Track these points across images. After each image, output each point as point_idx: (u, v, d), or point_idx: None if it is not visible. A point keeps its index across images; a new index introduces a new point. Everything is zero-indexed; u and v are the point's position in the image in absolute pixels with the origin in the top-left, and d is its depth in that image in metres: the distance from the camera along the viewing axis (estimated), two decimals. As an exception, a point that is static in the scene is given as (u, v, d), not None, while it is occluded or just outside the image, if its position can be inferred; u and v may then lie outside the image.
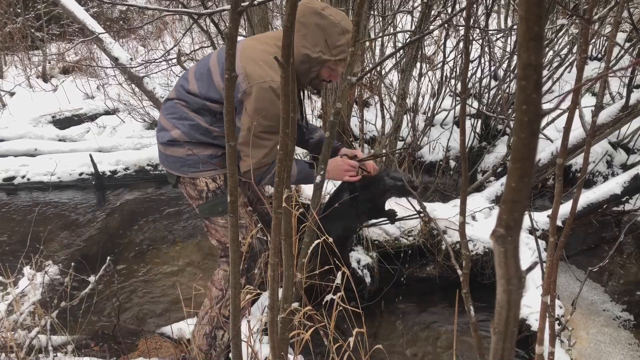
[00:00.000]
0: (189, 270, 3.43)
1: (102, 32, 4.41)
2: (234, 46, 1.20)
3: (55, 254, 3.57)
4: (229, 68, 1.21)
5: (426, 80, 4.71)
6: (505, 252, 0.50)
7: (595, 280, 3.27)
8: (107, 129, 5.60)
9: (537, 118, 0.47)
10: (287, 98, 1.20)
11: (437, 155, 4.63)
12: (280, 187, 1.24)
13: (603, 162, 4.28)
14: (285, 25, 1.13)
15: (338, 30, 2.07)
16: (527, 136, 0.47)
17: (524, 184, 0.48)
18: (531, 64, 0.45)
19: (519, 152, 0.48)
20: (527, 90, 0.46)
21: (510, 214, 0.49)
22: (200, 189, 2.30)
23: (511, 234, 0.49)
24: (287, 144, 1.27)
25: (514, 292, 0.50)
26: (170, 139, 2.25)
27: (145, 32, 7.94)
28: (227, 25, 1.17)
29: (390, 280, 3.13)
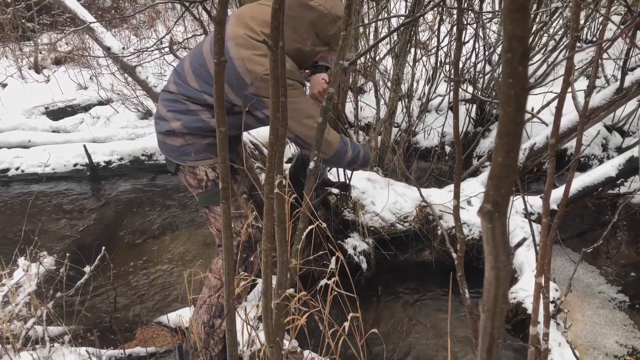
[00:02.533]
0: (185, 259, 3.43)
1: (94, 22, 4.37)
2: (223, 30, 1.19)
3: (50, 245, 3.57)
4: (217, 52, 1.20)
5: (420, 66, 4.69)
6: (492, 228, 0.49)
7: (590, 263, 3.28)
8: (101, 120, 5.57)
9: (523, 92, 0.46)
10: (277, 81, 1.19)
11: (433, 141, 4.62)
12: (272, 172, 1.23)
13: (598, 145, 4.28)
14: (274, 8, 1.11)
15: (328, 20, 2.01)
16: (513, 110, 0.46)
17: (511, 159, 0.48)
18: (517, 36, 0.44)
19: (506, 126, 0.47)
20: (513, 63, 0.45)
21: (497, 190, 0.48)
22: (200, 177, 2.29)
23: (499, 209, 0.48)
24: (277, 128, 1.26)
25: (502, 268, 0.49)
26: (169, 129, 2.23)
27: (138, 21, 7.87)
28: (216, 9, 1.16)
29: (386, 266, 3.14)
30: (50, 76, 6.42)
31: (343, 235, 3.12)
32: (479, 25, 4.04)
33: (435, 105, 4.90)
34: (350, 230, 3.15)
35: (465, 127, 4.45)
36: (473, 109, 4.58)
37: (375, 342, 2.57)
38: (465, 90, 4.49)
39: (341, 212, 3.16)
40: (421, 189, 3.39)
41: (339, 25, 2.02)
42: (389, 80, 4.38)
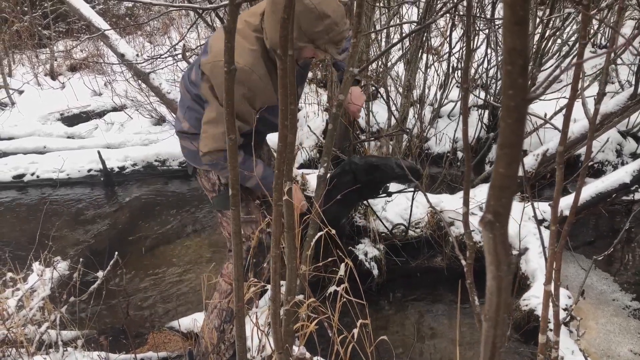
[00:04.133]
0: (198, 264, 3.45)
1: (108, 29, 4.43)
2: (233, 39, 1.20)
3: (64, 250, 3.61)
4: (227, 61, 1.21)
5: (432, 72, 4.69)
6: (494, 238, 0.49)
7: (604, 270, 3.24)
8: (115, 126, 5.63)
9: (523, 103, 0.46)
10: (285, 90, 1.20)
11: (444, 146, 4.61)
12: (281, 179, 1.24)
13: (612, 151, 4.24)
14: (282, 17, 1.12)
15: (314, 16, 1.89)
16: (514, 121, 0.47)
17: (512, 170, 0.48)
18: (516, 48, 0.45)
19: (507, 138, 0.47)
20: (513, 75, 0.46)
21: (498, 200, 0.48)
22: (213, 181, 2.31)
23: (499, 220, 0.49)
24: (286, 136, 1.27)
25: (503, 278, 0.50)
26: (181, 130, 2.26)
27: (152, 28, 7.95)
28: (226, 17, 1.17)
29: (397, 272, 3.13)
30: (66, 83, 6.50)
31: (354, 241, 3.12)
32: (491, 31, 4.03)
33: (447, 111, 4.89)
34: (361, 236, 3.15)
35: (478, 133, 4.43)
36: (485, 115, 4.56)
37: (385, 349, 2.56)
38: (477, 96, 4.47)
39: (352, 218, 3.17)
40: (433, 195, 3.39)
41: (326, 24, 1.90)
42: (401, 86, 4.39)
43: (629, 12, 5.50)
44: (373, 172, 2.59)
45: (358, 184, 2.59)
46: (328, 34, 1.90)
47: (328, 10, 1.89)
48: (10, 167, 4.76)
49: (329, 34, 1.91)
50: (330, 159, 1.91)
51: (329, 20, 1.88)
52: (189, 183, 4.62)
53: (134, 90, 5.64)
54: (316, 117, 4.85)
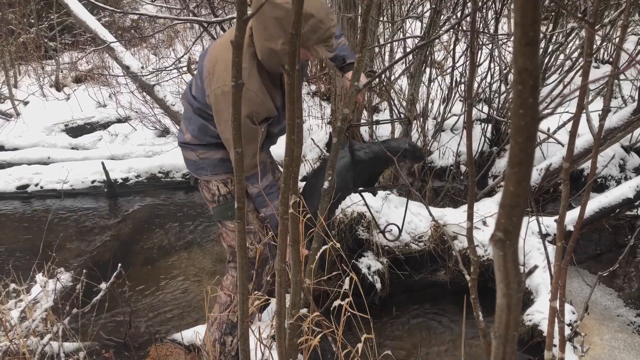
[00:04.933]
0: (201, 276, 3.45)
1: (114, 41, 4.47)
2: (241, 53, 1.21)
3: (67, 261, 3.61)
4: (235, 75, 1.22)
5: (436, 86, 4.71)
6: (504, 256, 0.50)
7: (608, 285, 3.23)
8: (119, 137, 5.66)
9: (534, 122, 0.47)
10: (293, 105, 1.21)
11: (448, 160, 4.61)
12: (287, 193, 1.25)
13: (615, 166, 4.24)
14: (291, 33, 1.13)
15: None
16: (524, 140, 0.47)
17: (522, 189, 0.48)
18: (527, 69, 0.46)
19: (517, 156, 0.48)
20: (524, 95, 0.46)
21: (508, 218, 0.49)
22: (213, 192, 2.32)
23: (510, 238, 0.49)
24: (292, 150, 1.28)
25: (513, 296, 0.50)
26: (183, 141, 2.28)
27: (157, 41, 8.01)
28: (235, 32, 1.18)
29: (400, 286, 3.13)
30: (71, 94, 6.54)
31: (357, 254, 3.12)
32: (494, 46, 4.05)
33: (450, 125, 4.90)
34: (364, 250, 3.15)
35: (481, 147, 4.44)
36: (488, 129, 4.57)
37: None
38: (480, 110, 4.49)
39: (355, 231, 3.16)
40: (436, 209, 3.39)
41: (311, 24, 1.88)
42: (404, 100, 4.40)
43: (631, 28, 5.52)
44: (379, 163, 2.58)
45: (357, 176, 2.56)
46: (315, 33, 1.88)
47: (311, 10, 1.86)
48: (15, 178, 4.78)
49: (316, 33, 1.89)
50: (334, 172, 1.92)
51: (313, 20, 1.86)
52: (192, 195, 4.62)
53: (138, 102, 5.68)
54: (320, 129, 4.87)
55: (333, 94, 4.06)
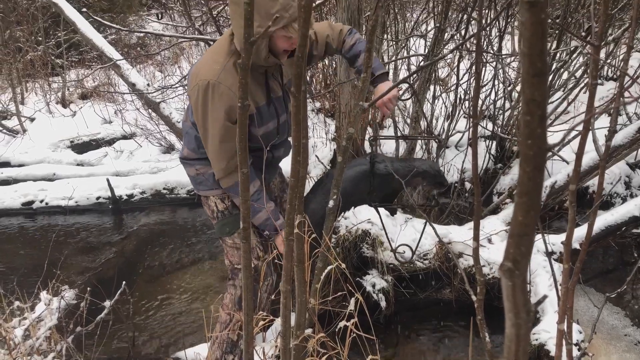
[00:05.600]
0: (205, 293, 3.44)
1: (120, 59, 4.51)
2: (247, 75, 1.22)
3: (72, 278, 3.60)
4: (242, 97, 1.23)
5: (440, 103, 4.72)
6: (512, 286, 0.49)
7: (615, 304, 3.20)
8: (124, 153, 5.68)
9: (542, 152, 0.47)
10: (298, 126, 1.21)
11: (452, 177, 4.61)
12: (292, 214, 1.24)
13: (621, 184, 4.22)
14: (297, 55, 1.14)
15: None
16: (532, 170, 0.47)
17: (531, 218, 0.48)
18: (535, 100, 0.46)
19: (525, 185, 0.48)
20: (532, 125, 0.46)
21: (517, 248, 0.49)
22: (212, 208, 2.32)
23: (518, 267, 0.49)
24: (298, 170, 1.28)
25: (522, 325, 0.50)
26: (182, 157, 2.30)
27: (162, 58, 8.08)
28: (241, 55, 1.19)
29: (405, 304, 3.10)
30: (77, 111, 6.59)
31: (362, 272, 3.10)
32: (498, 63, 4.07)
33: (454, 142, 4.91)
34: (369, 267, 3.13)
35: (485, 164, 4.43)
36: (493, 146, 4.58)
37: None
38: (484, 127, 4.49)
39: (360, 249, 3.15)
40: (441, 226, 3.38)
41: (281, 2, 1.86)
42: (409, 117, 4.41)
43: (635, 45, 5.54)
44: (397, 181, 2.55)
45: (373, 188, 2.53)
46: (287, 11, 1.87)
47: None
48: (20, 194, 4.80)
49: (288, 11, 1.87)
50: (339, 191, 1.92)
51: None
52: (196, 211, 4.62)
53: (144, 119, 5.71)
54: (324, 147, 4.88)
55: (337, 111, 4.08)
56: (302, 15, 1.10)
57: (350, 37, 2.33)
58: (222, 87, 1.97)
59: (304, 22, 1.13)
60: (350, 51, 2.32)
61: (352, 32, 2.35)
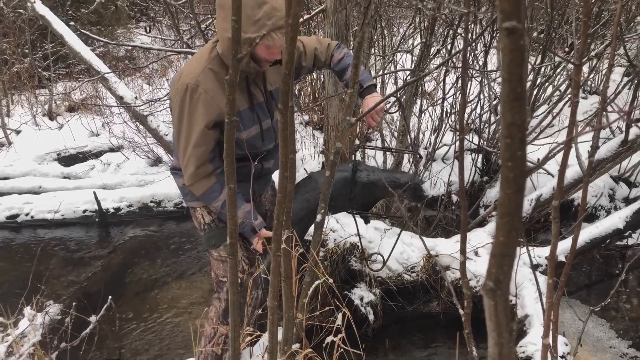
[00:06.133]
0: (192, 307, 3.41)
1: (108, 72, 4.50)
2: (234, 91, 1.23)
3: (57, 292, 3.56)
4: (229, 113, 1.23)
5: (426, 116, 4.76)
6: (495, 305, 0.50)
7: (601, 317, 3.23)
8: (112, 166, 5.65)
9: (522, 175, 0.48)
10: (286, 142, 1.22)
11: (439, 190, 4.64)
12: (279, 229, 1.25)
13: (605, 196, 4.28)
14: (284, 73, 1.15)
15: (251, 5, 1.84)
16: (513, 192, 0.48)
17: (512, 238, 0.49)
18: (515, 123, 0.47)
19: (506, 207, 0.49)
20: (512, 148, 0.47)
21: (499, 268, 0.50)
22: (199, 220, 2.31)
23: (500, 287, 0.50)
24: (285, 186, 1.29)
25: (505, 345, 0.50)
26: (172, 167, 2.30)
27: (150, 70, 8.07)
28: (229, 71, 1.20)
29: (393, 317, 3.11)
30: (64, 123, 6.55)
31: (350, 285, 3.10)
32: (483, 78, 4.12)
33: (441, 155, 4.94)
34: (357, 281, 3.14)
35: (472, 177, 4.47)
36: (479, 159, 4.62)
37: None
38: (470, 141, 4.53)
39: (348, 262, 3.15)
40: (428, 239, 3.39)
41: (264, 10, 1.86)
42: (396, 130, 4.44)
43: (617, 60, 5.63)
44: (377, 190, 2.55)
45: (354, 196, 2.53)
46: (270, 19, 1.86)
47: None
48: (5, 208, 4.74)
49: (271, 19, 1.86)
50: (327, 205, 1.92)
51: (267, 6, 1.85)
52: (184, 224, 4.60)
53: (131, 132, 5.69)
54: (312, 159, 4.90)
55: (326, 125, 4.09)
56: (290, 33, 1.11)
57: (338, 51, 2.35)
58: (200, 90, 1.96)
59: (291, 40, 1.14)
60: (339, 65, 2.34)
61: (340, 46, 2.38)
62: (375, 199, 2.79)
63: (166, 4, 5.37)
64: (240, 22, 1.14)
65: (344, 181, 2.51)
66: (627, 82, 4.41)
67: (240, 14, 1.13)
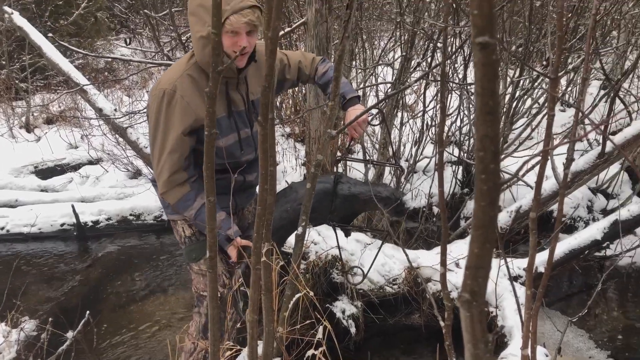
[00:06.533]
0: (172, 322, 3.37)
1: (87, 84, 4.46)
2: (214, 104, 1.22)
3: (33, 308, 3.49)
4: (209, 125, 1.23)
5: (407, 129, 4.80)
6: (471, 316, 0.50)
7: (580, 327, 3.26)
8: (90, 179, 5.58)
9: (496, 187, 0.48)
10: (266, 154, 1.22)
11: (420, 202, 4.66)
12: (259, 242, 1.24)
13: (584, 207, 4.34)
14: (264, 86, 1.15)
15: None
16: (487, 204, 0.49)
17: (486, 250, 0.50)
18: (488, 136, 0.47)
19: (480, 219, 0.49)
20: (486, 161, 0.48)
21: (474, 280, 0.50)
22: (180, 233, 2.28)
23: (476, 299, 0.50)
24: (265, 199, 1.28)
25: (481, 356, 0.51)
26: (152, 178, 2.26)
27: (130, 82, 8.02)
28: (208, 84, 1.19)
29: (375, 330, 3.10)
30: (42, 136, 6.46)
31: (332, 298, 3.10)
32: (463, 91, 4.17)
33: (422, 167, 4.98)
34: (339, 293, 3.13)
35: (452, 189, 4.50)
36: (459, 171, 4.66)
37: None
38: (451, 153, 4.57)
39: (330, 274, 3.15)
40: (410, 251, 3.40)
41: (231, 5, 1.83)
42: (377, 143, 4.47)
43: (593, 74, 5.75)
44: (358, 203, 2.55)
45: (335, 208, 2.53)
46: (228, 4, 1.82)
47: None
48: (-21, 222, 4.66)
49: (229, 3, 1.83)
50: (308, 217, 1.92)
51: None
52: (164, 237, 4.56)
53: (110, 144, 5.64)
54: (294, 172, 4.90)
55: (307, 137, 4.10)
56: (269, 46, 1.12)
57: (322, 65, 2.36)
58: (177, 96, 1.93)
59: (271, 53, 1.14)
60: (322, 78, 2.35)
61: (324, 60, 2.39)
62: (357, 212, 2.79)
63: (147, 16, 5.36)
64: (220, 34, 1.14)
65: (325, 193, 2.50)
66: (604, 95, 4.49)
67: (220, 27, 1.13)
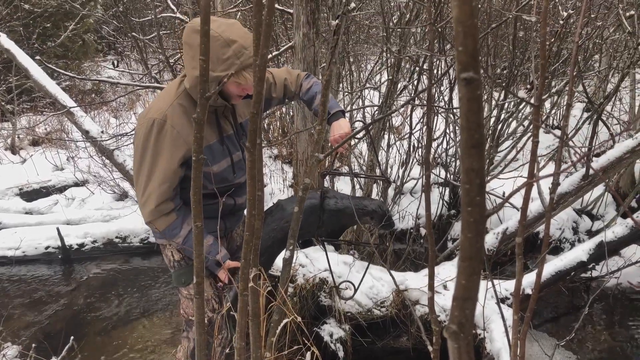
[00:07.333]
0: (159, 347, 3.32)
1: (74, 106, 4.45)
2: (202, 130, 1.23)
3: (16, 333, 3.43)
4: (196, 150, 1.23)
5: (394, 150, 4.82)
6: (458, 348, 0.51)
7: (567, 349, 3.26)
8: (76, 201, 5.53)
9: (482, 219, 0.49)
10: (253, 180, 1.22)
11: (408, 223, 4.68)
12: (247, 268, 1.24)
13: (569, 229, 4.38)
14: (252, 112, 1.16)
15: (219, 44, 1.84)
16: (473, 236, 0.49)
17: (474, 282, 0.50)
18: (473, 169, 0.48)
19: (467, 251, 0.50)
20: (472, 193, 0.49)
21: (461, 311, 0.50)
22: (169, 258, 2.27)
23: (463, 330, 0.50)
24: (253, 224, 1.28)
25: (469, 388, 0.51)
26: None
27: (118, 104, 8.00)
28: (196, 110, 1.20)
29: (363, 353, 3.08)
30: (27, 158, 6.41)
31: (320, 321, 3.08)
32: (449, 113, 4.21)
33: (409, 188, 5.00)
34: (326, 316, 3.11)
35: (439, 211, 4.52)
36: (446, 193, 4.68)
37: None
38: (437, 175, 4.60)
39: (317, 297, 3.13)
40: (397, 273, 3.40)
41: (233, 49, 1.87)
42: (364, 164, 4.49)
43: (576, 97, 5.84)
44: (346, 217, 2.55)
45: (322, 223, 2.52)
46: (238, 58, 1.86)
47: (234, 36, 1.87)
48: (-38, 245, 4.58)
49: (240, 58, 1.87)
50: (295, 241, 1.92)
51: (236, 45, 1.86)
52: (150, 260, 4.52)
53: (97, 166, 5.60)
54: (281, 193, 4.89)
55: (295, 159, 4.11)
56: (257, 74, 1.13)
57: (307, 81, 2.39)
58: (168, 126, 1.93)
59: (259, 80, 1.15)
60: (307, 93, 2.37)
61: (309, 76, 2.42)
62: (344, 226, 2.79)
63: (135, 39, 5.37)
64: (208, 61, 1.15)
65: (312, 209, 2.50)
66: (587, 118, 4.56)
67: (209, 53, 1.14)
